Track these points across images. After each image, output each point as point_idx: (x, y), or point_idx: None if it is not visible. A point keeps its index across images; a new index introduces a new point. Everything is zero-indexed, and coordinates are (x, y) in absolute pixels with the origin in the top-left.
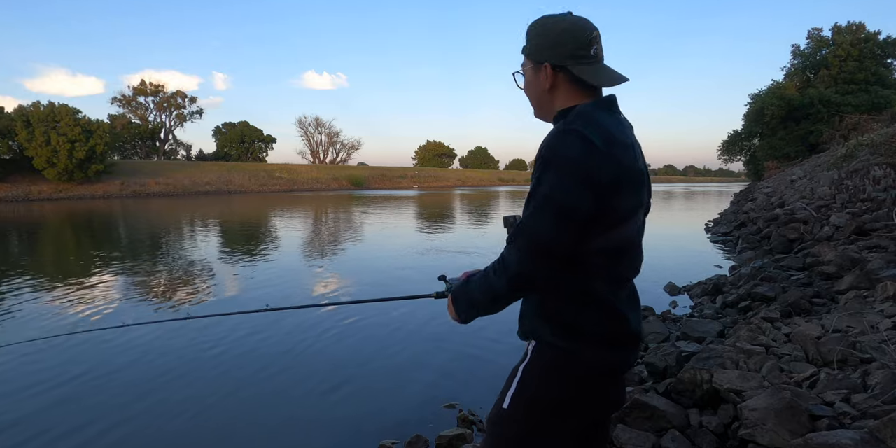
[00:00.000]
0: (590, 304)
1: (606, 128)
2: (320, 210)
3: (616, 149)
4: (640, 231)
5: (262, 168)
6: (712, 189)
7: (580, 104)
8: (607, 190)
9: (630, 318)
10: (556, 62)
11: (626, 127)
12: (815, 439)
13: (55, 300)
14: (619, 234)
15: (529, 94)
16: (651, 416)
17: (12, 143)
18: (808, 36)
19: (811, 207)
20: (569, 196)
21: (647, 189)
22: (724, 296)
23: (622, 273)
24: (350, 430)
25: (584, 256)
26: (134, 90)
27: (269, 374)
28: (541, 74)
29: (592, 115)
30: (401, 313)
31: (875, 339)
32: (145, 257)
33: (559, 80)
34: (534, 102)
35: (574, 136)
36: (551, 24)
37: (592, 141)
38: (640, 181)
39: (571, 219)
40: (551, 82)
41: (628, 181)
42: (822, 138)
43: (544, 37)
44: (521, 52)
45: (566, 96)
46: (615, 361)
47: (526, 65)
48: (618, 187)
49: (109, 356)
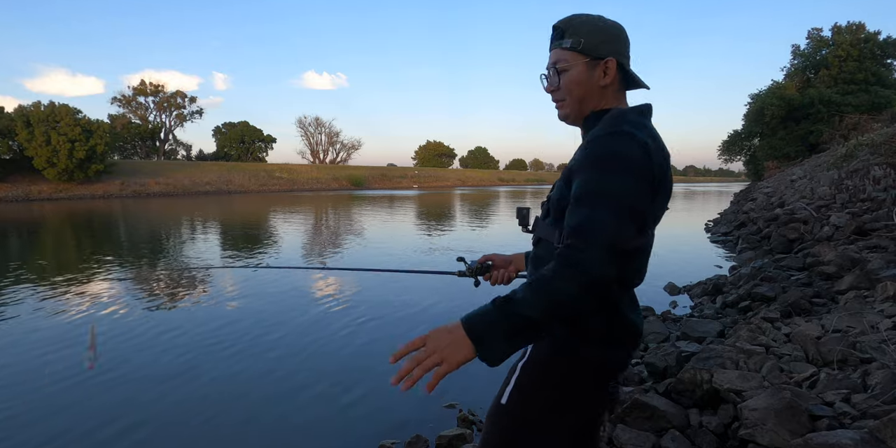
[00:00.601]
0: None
1: (653, 133)
2: (328, 209)
3: (663, 159)
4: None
5: (262, 168)
6: (712, 189)
7: (619, 107)
8: (656, 187)
9: (633, 319)
10: (618, 58)
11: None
12: (815, 439)
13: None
14: (648, 236)
15: (573, 91)
16: (651, 416)
17: (12, 143)
18: (808, 36)
19: (811, 207)
20: (636, 196)
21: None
22: (724, 296)
23: (632, 277)
24: (350, 430)
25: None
26: (134, 90)
27: (270, 375)
28: (598, 70)
29: (640, 121)
30: (402, 314)
31: (875, 339)
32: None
33: (614, 78)
34: (576, 101)
35: (630, 138)
36: (605, 21)
37: (648, 146)
38: (670, 191)
39: (638, 219)
40: (612, 78)
41: (665, 189)
42: (822, 138)
43: (604, 32)
44: (562, 46)
45: (613, 96)
46: (616, 361)
47: (573, 60)
48: (658, 193)
49: (121, 350)
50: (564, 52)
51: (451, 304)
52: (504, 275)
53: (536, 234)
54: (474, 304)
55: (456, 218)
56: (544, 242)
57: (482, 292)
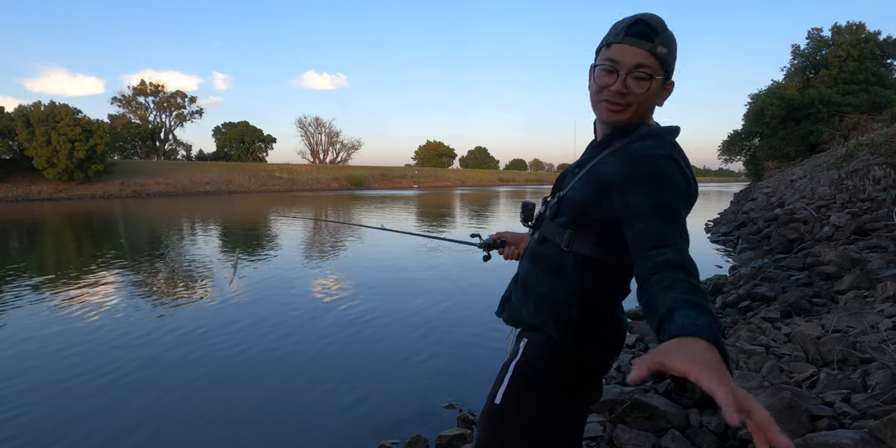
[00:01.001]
0: (597, 307)
1: (686, 158)
2: (331, 209)
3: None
4: None
5: (262, 168)
6: (712, 189)
7: (657, 125)
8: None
9: (623, 320)
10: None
11: None
12: (815, 439)
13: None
14: None
15: (644, 102)
16: (651, 416)
17: (12, 143)
18: (808, 36)
19: (811, 207)
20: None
21: None
22: (724, 296)
23: (628, 284)
24: (350, 430)
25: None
26: (134, 90)
27: (270, 375)
28: (665, 91)
29: (678, 146)
30: (403, 314)
31: (875, 339)
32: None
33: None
34: (640, 112)
35: (677, 166)
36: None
37: (687, 174)
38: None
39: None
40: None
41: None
42: (822, 138)
43: (676, 51)
44: (654, 51)
45: (652, 114)
46: (606, 361)
47: (655, 73)
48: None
49: (122, 351)
50: (653, 59)
51: (452, 304)
52: (514, 251)
53: (541, 232)
54: (474, 304)
55: (456, 217)
56: (549, 243)
57: (482, 292)
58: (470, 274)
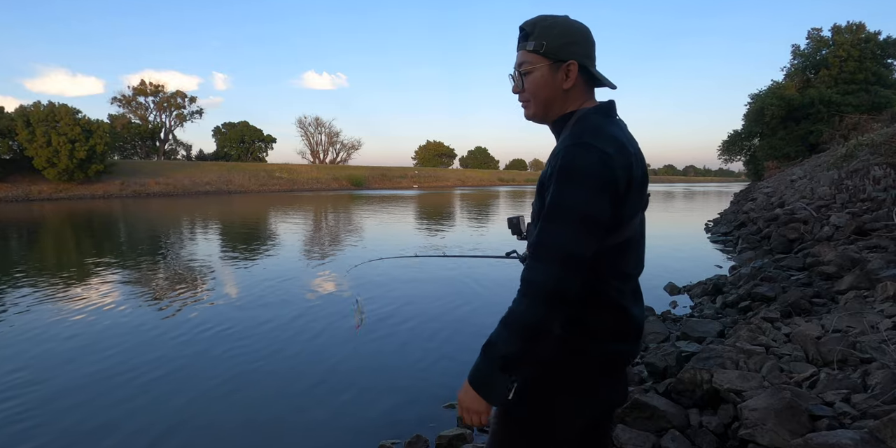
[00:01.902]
0: (598, 302)
1: (617, 138)
2: (331, 209)
3: (628, 159)
4: (641, 228)
5: (262, 168)
6: (712, 189)
7: (583, 108)
8: (620, 198)
9: (634, 312)
10: (581, 61)
11: (629, 134)
12: (815, 439)
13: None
14: (625, 234)
15: (538, 94)
16: (651, 416)
17: (12, 143)
18: (807, 36)
19: (811, 207)
20: (590, 206)
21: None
22: (724, 296)
23: (628, 270)
24: (350, 430)
25: (595, 257)
26: (134, 90)
27: (270, 375)
28: (560, 73)
29: (600, 125)
30: (402, 313)
31: (875, 339)
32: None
33: (578, 80)
34: (540, 103)
35: (590, 149)
36: (569, 22)
37: (608, 154)
38: (645, 184)
39: (594, 228)
40: (574, 81)
41: (637, 187)
42: (822, 138)
43: (568, 35)
44: (526, 48)
45: (578, 97)
46: (618, 354)
47: (536, 62)
48: (629, 194)
49: (120, 350)
50: (528, 55)
51: (453, 305)
52: None
53: (529, 241)
54: (476, 303)
55: (457, 218)
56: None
57: (483, 293)
58: (478, 275)
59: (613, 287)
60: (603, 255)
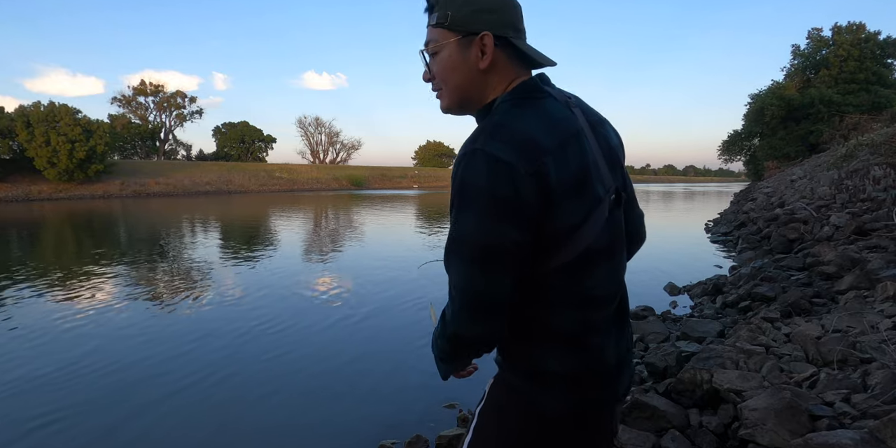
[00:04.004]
0: (550, 338)
1: (524, 134)
2: (331, 209)
3: (540, 159)
4: (611, 233)
5: (262, 168)
6: (712, 189)
7: (499, 96)
8: (540, 212)
9: (604, 350)
10: (498, 32)
11: (558, 115)
12: (815, 439)
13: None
14: (569, 252)
15: (448, 79)
16: (651, 416)
17: (12, 143)
18: (808, 36)
19: (811, 207)
20: (488, 235)
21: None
22: (724, 296)
23: (591, 291)
24: (350, 430)
25: (535, 281)
26: (134, 90)
27: (270, 375)
28: (474, 49)
29: (506, 118)
30: (402, 312)
31: (875, 339)
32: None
33: (498, 57)
34: (453, 91)
35: (480, 158)
36: None
37: (503, 161)
38: (584, 180)
39: (501, 259)
40: (491, 59)
41: (569, 190)
42: (822, 138)
43: (479, 1)
44: (430, 23)
45: (502, 79)
46: (579, 404)
47: (442, 38)
48: (552, 204)
49: (120, 352)
50: (433, 31)
51: None
52: None
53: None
54: None
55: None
56: None
57: None
58: None
59: (572, 319)
60: (549, 279)
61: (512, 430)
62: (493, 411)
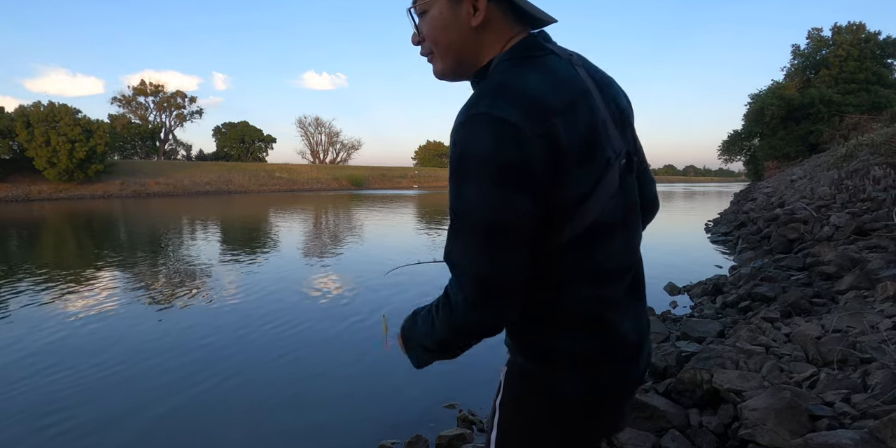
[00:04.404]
0: (563, 318)
1: (530, 93)
2: (331, 209)
3: (550, 120)
4: (625, 201)
5: (262, 168)
6: (712, 189)
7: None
8: (549, 180)
9: (622, 325)
10: None
11: (563, 74)
12: (815, 439)
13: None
14: (579, 224)
15: (439, 39)
16: (651, 416)
17: (12, 143)
18: (808, 36)
19: (811, 207)
20: (494, 207)
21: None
22: (724, 296)
23: (603, 264)
24: (350, 430)
25: (542, 258)
26: (134, 90)
27: (269, 375)
28: (465, 5)
29: (508, 77)
30: (402, 313)
31: (875, 339)
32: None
33: (492, 13)
34: (445, 52)
35: (484, 122)
36: None
37: (509, 123)
38: (594, 143)
39: (510, 235)
40: (484, 16)
41: (579, 154)
42: (822, 138)
43: None
44: None
45: (498, 39)
46: (602, 386)
47: None
48: (562, 170)
49: (119, 352)
50: None
51: None
52: None
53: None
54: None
55: None
56: None
57: None
58: None
59: (585, 295)
60: (557, 254)
61: (534, 419)
62: (514, 402)
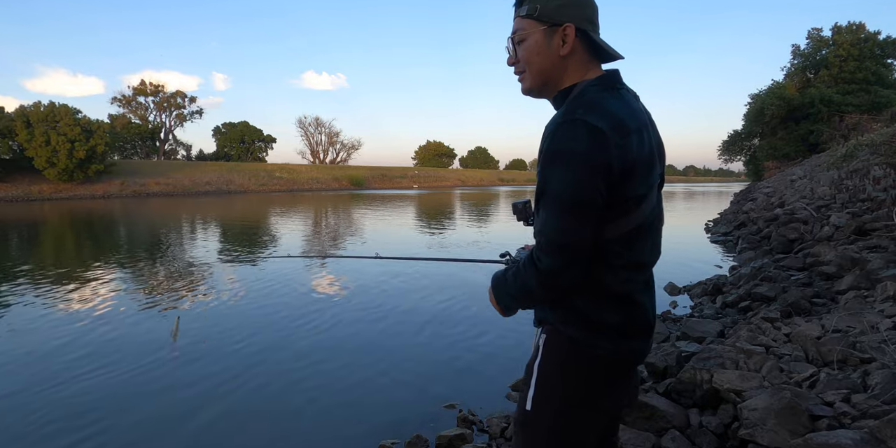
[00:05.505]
0: (606, 294)
1: (614, 113)
2: (331, 208)
3: (626, 136)
4: (655, 212)
5: (262, 168)
6: (712, 189)
7: (584, 81)
8: (618, 179)
9: (647, 306)
10: (579, 25)
11: (634, 106)
12: (815, 439)
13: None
14: (632, 221)
15: (532, 62)
16: (651, 416)
17: (12, 143)
18: (808, 36)
19: (811, 207)
20: (582, 191)
21: (661, 163)
22: (724, 296)
23: (639, 258)
24: (350, 430)
25: (599, 246)
26: (134, 90)
27: (269, 375)
28: (556, 38)
29: (598, 98)
30: (402, 313)
31: (875, 339)
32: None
33: (577, 46)
34: (536, 73)
35: (580, 126)
36: None
37: (600, 130)
38: (651, 164)
39: (589, 213)
40: (571, 47)
41: (641, 168)
42: (822, 138)
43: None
44: (520, 14)
45: (579, 67)
46: (631, 351)
47: (530, 28)
48: (630, 176)
49: (119, 352)
50: (522, 21)
51: (453, 304)
52: None
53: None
54: (476, 304)
55: (457, 219)
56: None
57: (485, 292)
58: (480, 276)
59: (623, 278)
60: (612, 243)
61: (571, 378)
62: (555, 362)
